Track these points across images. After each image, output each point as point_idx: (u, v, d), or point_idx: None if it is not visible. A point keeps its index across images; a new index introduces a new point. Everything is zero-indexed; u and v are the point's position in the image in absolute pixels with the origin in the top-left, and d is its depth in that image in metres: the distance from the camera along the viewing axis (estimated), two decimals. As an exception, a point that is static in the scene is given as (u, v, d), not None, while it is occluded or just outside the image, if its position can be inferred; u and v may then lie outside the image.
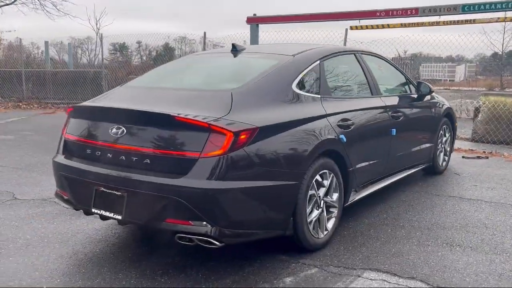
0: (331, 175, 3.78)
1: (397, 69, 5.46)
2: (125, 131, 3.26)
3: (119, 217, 3.24)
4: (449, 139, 6.40)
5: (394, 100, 4.93)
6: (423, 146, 5.55)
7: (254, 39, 17.25)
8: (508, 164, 7.05)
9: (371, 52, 5.09)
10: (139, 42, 29.50)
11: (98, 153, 3.41)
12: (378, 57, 5.18)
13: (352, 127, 4.01)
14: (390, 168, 4.84)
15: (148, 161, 3.15)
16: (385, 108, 4.66)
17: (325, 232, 3.77)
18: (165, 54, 18.46)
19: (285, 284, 3.18)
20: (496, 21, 14.42)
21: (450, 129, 6.39)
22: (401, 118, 4.88)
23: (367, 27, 16.47)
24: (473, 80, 41.01)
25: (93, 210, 3.38)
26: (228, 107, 3.22)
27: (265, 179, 3.17)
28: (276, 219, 3.32)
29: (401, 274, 3.32)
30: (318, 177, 3.62)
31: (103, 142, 3.38)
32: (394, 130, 4.69)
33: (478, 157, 7.48)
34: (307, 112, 3.62)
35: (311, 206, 3.59)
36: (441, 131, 6.04)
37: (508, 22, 19.57)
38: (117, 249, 3.78)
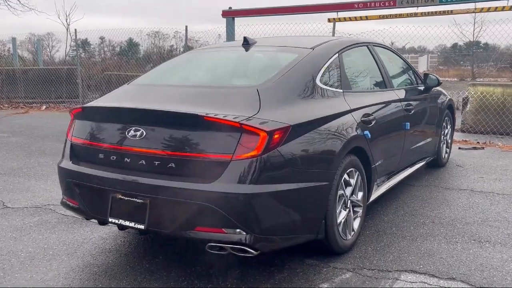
0: (357, 173, 3.61)
1: (404, 60, 5.33)
2: (144, 133, 2.99)
3: (141, 227, 2.98)
4: (450, 131, 6.34)
5: (405, 93, 4.80)
6: (430, 139, 5.45)
7: (231, 34, 16.97)
8: (505, 155, 7.05)
9: (381, 44, 4.94)
10: (102, 38, 28.68)
11: (113, 157, 3.13)
12: (387, 49, 5.04)
13: (373, 122, 3.84)
14: (403, 163, 4.72)
15: (173, 165, 2.90)
16: (399, 101, 4.52)
17: (352, 233, 3.60)
18: (129, 49, 18.02)
19: (322, 291, 3.00)
20: (473, 12, 14.60)
21: (451, 121, 6.32)
22: (412, 112, 4.75)
23: (345, 19, 16.39)
24: (435, 70, 41.70)
25: (110, 219, 3.11)
26: (257, 104, 3.00)
27: (299, 181, 2.97)
28: (309, 222, 3.12)
29: (439, 275, 3.18)
30: (345, 176, 3.44)
31: (119, 146, 3.11)
32: (408, 124, 4.56)
33: (474, 148, 7.47)
34: (334, 108, 3.43)
35: (340, 206, 3.41)
36: (443, 123, 5.96)
37: (480, 13, 19.87)
38: (132, 259, 3.52)
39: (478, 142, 7.91)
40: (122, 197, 3.05)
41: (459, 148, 7.48)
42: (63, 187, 3.48)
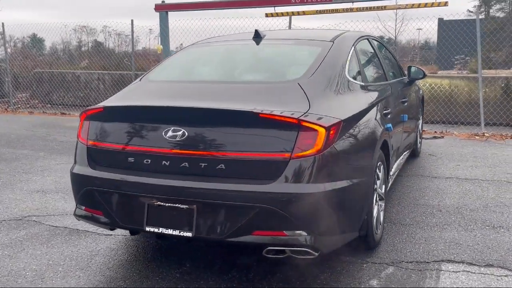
0: (381, 166, 3.60)
1: (390, 52, 5.41)
2: (186, 133, 2.75)
3: (189, 234, 2.74)
4: (421, 122, 6.56)
5: (399, 86, 4.87)
6: (414, 130, 5.60)
7: (164, 29, 16.47)
8: (466, 143, 7.44)
9: (374, 37, 4.97)
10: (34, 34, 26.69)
11: (147, 161, 2.86)
12: (378, 41, 5.08)
13: (390, 115, 3.85)
14: (400, 154, 4.80)
15: (223, 166, 2.69)
16: (398, 93, 4.58)
17: (379, 227, 3.59)
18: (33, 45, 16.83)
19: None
20: (405, 8, 15.29)
21: (421, 113, 6.54)
22: (406, 104, 4.85)
23: (282, 14, 16.53)
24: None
25: (147, 228, 2.83)
26: (305, 100, 2.86)
27: (350, 177, 2.88)
28: (357, 219, 3.05)
29: (476, 263, 3.24)
30: (377, 170, 3.42)
31: (154, 148, 2.84)
32: (406, 116, 4.63)
33: (435, 137, 7.80)
34: (363, 101, 3.38)
35: (374, 201, 3.38)
36: (419, 114, 6.15)
37: (403, 10, 20.89)
38: (157, 269, 3.24)
39: (435, 132, 8.28)
40: (162, 204, 2.79)
41: (421, 137, 7.77)
42: (79, 196, 3.12)
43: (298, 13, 16.29)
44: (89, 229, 4.00)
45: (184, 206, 2.74)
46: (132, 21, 11.40)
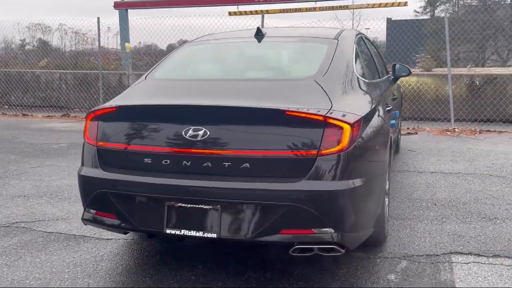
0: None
1: (376, 50, 5.49)
2: (208, 132, 2.69)
3: (213, 235, 2.68)
4: (400, 118, 6.71)
5: (388, 83, 4.96)
6: (398, 126, 5.72)
7: (124, 26, 16.12)
8: (439, 138, 7.68)
9: (364, 34, 5.03)
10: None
11: (166, 161, 2.77)
12: (368, 39, 5.15)
13: (390, 112, 3.92)
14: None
15: (248, 165, 2.65)
16: (390, 91, 4.66)
17: (387, 222, 3.64)
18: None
19: (393, 282, 2.97)
20: (366, 7, 15.63)
21: (401, 109, 6.70)
22: (395, 101, 4.94)
23: (246, 12, 16.53)
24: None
25: (167, 231, 2.74)
26: (325, 96, 2.86)
27: (370, 173, 2.90)
28: (374, 215, 3.08)
29: (484, 254, 3.34)
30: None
31: (174, 148, 2.75)
32: (398, 113, 4.73)
33: (409, 133, 8.01)
34: (371, 98, 3.41)
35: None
36: (401, 111, 6.29)
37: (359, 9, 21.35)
38: (172, 273, 3.14)
39: (409, 128, 8.50)
40: (183, 205, 2.72)
41: (400, 133, 7.97)
42: (89, 200, 2.98)
43: (262, 12, 16.34)
44: (86, 234, 3.85)
45: (208, 207, 2.68)
46: (98, 18, 11.04)
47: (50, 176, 5.67)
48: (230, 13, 16.37)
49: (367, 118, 2.99)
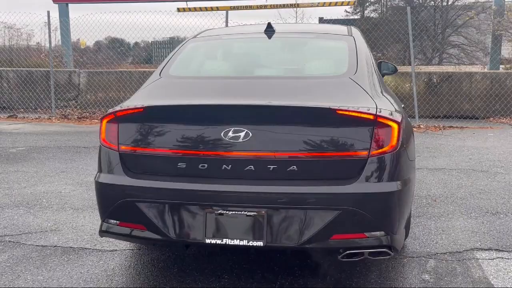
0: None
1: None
2: (250, 133, 2.50)
3: (259, 244, 2.50)
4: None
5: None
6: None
7: (65, 22, 15.32)
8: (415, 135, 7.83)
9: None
10: None
11: (203, 165, 2.55)
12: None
13: (399, 108, 3.89)
14: None
15: (295, 168, 2.49)
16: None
17: (404, 221, 3.60)
18: None
19: (430, 283, 2.94)
20: (317, 6, 15.82)
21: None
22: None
23: (195, 9, 16.24)
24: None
25: (207, 241, 2.53)
26: (366, 95, 2.76)
27: (410, 173, 2.83)
28: (409, 215, 3.02)
29: (503, 249, 3.38)
30: None
31: (212, 151, 2.54)
32: None
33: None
34: (391, 95, 3.36)
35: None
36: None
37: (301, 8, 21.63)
38: (198, 284, 2.93)
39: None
40: (224, 212, 2.52)
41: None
42: (111, 210, 2.69)
43: (212, 9, 16.13)
44: (86, 246, 3.54)
45: (252, 213, 2.50)
46: (48, 12, 10.36)
47: (19, 183, 5.20)
48: (179, 9, 16.01)
49: (404, 116, 2.93)
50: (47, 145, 7.26)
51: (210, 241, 2.53)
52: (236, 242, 2.51)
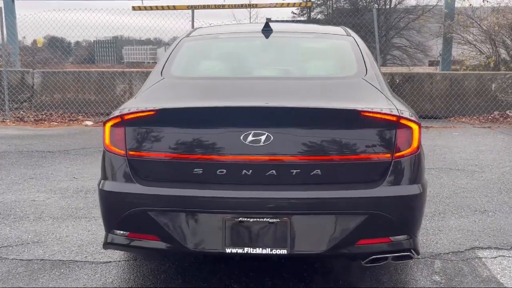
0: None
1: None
2: (272, 137, 2.39)
3: (283, 251, 2.39)
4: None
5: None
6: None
7: (10, 19, 14.58)
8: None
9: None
10: None
11: (221, 171, 2.42)
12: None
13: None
14: None
15: (319, 172, 2.41)
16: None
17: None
18: None
19: (442, 283, 2.93)
20: (275, 6, 15.85)
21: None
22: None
23: (151, 8, 15.89)
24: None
25: (227, 250, 2.40)
26: (382, 96, 2.72)
27: (425, 175, 2.82)
28: None
29: (501, 247, 3.44)
30: None
31: (231, 156, 2.41)
32: None
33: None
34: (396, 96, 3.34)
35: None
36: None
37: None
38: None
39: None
40: (245, 220, 2.40)
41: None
42: (119, 220, 2.50)
43: (169, 7, 15.82)
44: (76, 258, 3.31)
45: (275, 220, 2.39)
46: (1, 9, 9.75)
47: (-15, 191, 4.83)
48: (134, 8, 15.59)
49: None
50: (6, 150, 6.81)
51: (231, 251, 2.40)
52: (258, 250, 2.40)
